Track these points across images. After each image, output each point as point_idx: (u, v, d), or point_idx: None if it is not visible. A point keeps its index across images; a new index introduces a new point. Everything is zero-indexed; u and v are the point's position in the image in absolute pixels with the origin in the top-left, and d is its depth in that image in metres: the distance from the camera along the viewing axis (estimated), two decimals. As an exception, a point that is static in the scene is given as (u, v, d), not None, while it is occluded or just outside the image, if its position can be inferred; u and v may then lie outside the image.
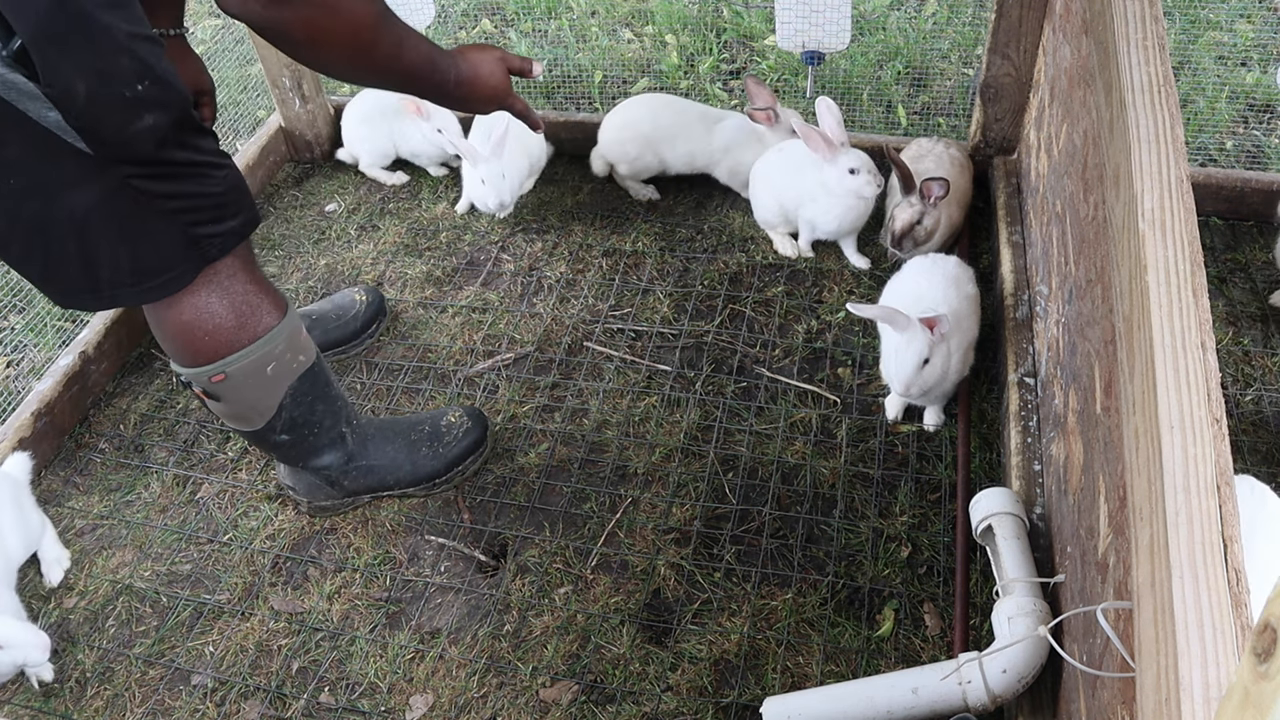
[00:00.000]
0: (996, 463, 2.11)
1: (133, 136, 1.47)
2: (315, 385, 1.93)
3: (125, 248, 1.58)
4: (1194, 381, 1.03)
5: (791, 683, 1.79)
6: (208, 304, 1.70)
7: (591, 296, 2.59)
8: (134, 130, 1.47)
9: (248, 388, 1.81)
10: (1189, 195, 1.23)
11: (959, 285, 2.18)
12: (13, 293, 2.62)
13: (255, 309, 1.75)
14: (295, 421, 1.92)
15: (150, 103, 1.46)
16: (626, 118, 2.80)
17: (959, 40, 3.35)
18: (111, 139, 1.46)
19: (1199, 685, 0.82)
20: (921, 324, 1.99)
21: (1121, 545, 1.26)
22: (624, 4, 3.68)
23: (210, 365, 1.75)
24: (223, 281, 1.70)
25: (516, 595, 1.96)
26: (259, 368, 1.79)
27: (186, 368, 1.77)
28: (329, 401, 1.98)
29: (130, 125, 1.46)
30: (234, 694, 1.84)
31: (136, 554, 2.09)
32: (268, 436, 1.93)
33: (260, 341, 1.77)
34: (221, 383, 1.78)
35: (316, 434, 1.98)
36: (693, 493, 2.11)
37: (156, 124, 1.48)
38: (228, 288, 1.71)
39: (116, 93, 1.43)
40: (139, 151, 1.49)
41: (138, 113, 1.46)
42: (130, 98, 1.44)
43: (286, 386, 1.86)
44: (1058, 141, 2.15)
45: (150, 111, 1.46)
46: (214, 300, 1.70)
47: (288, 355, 1.83)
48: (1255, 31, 3.24)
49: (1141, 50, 1.46)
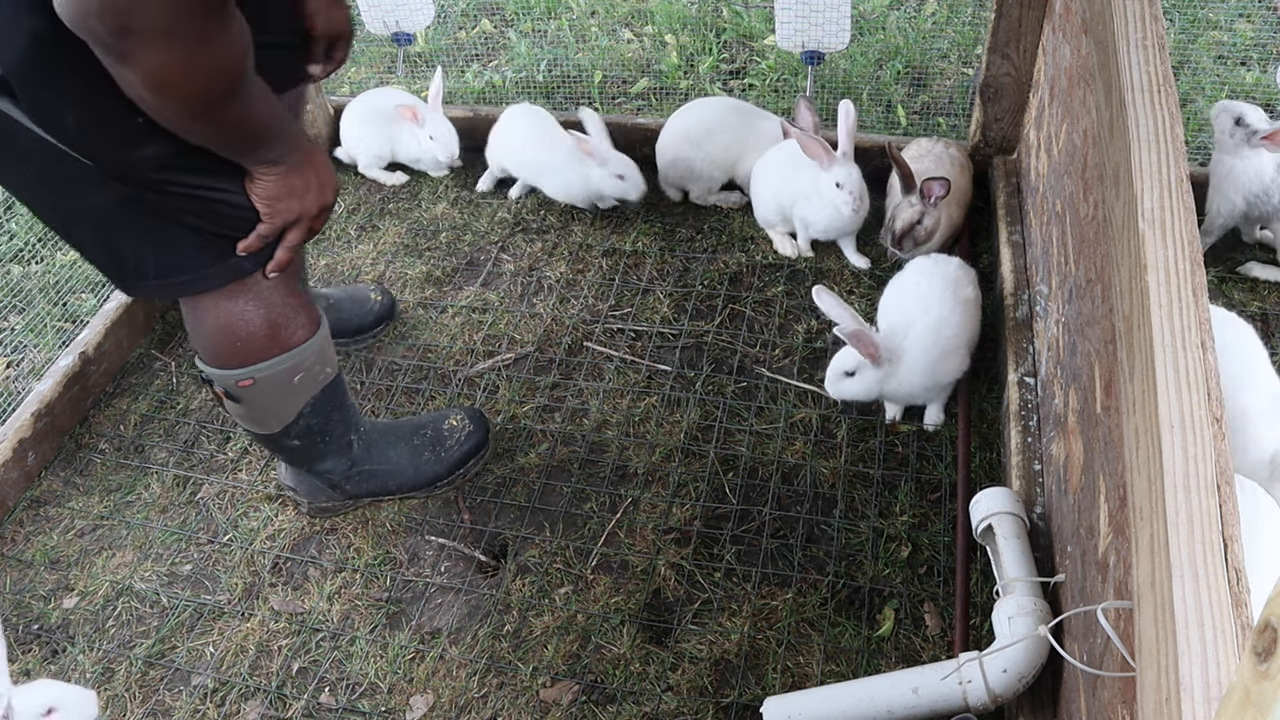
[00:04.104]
0: (996, 462, 2.11)
1: (133, 164, 1.44)
2: (335, 396, 1.93)
3: (148, 245, 1.57)
4: (1194, 381, 1.03)
5: (792, 682, 1.79)
6: (244, 311, 1.69)
7: (591, 296, 2.59)
8: (133, 159, 1.43)
9: (272, 395, 1.81)
10: (1189, 195, 1.23)
11: (957, 287, 2.18)
12: (13, 293, 2.62)
13: (290, 322, 1.74)
14: (310, 429, 1.92)
15: (149, 133, 1.39)
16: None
17: (959, 40, 3.35)
18: (111, 164, 1.43)
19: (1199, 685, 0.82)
20: (857, 339, 2.02)
21: (1122, 545, 1.26)
22: (624, 4, 3.68)
23: (239, 370, 1.74)
24: (262, 291, 1.69)
25: (517, 595, 1.96)
26: (287, 378, 1.79)
27: (215, 369, 1.76)
28: (344, 411, 1.98)
29: (129, 154, 1.42)
30: (234, 694, 1.84)
31: (136, 554, 2.09)
32: (281, 441, 1.92)
33: (292, 353, 1.76)
34: (248, 388, 1.77)
35: (328, 441, 1.98)
36: (693, 493, 2.11)
37: (158, 153, 1.43)
38: (266, 298, 1.70)
39: (110, 125, 1.38)
40: (141, 176, 1.46)
41: (136, 143, 1.41)
42: (127, 129, 1.38)
43: (309, 397, 1.86)
44: (1057, 141, 2.15)
45: (151, 142, 1.41)
46: (250, 309, 1.69)
47: (316, 367, 1.83)
48: (1255, 31, 3.24)
49: (1141, 50, 1.46)
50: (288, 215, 1.60)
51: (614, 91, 3.30)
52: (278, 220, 1.59)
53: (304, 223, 1.63)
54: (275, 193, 1.56)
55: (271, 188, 1.56)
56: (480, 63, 3.46)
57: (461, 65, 3.41)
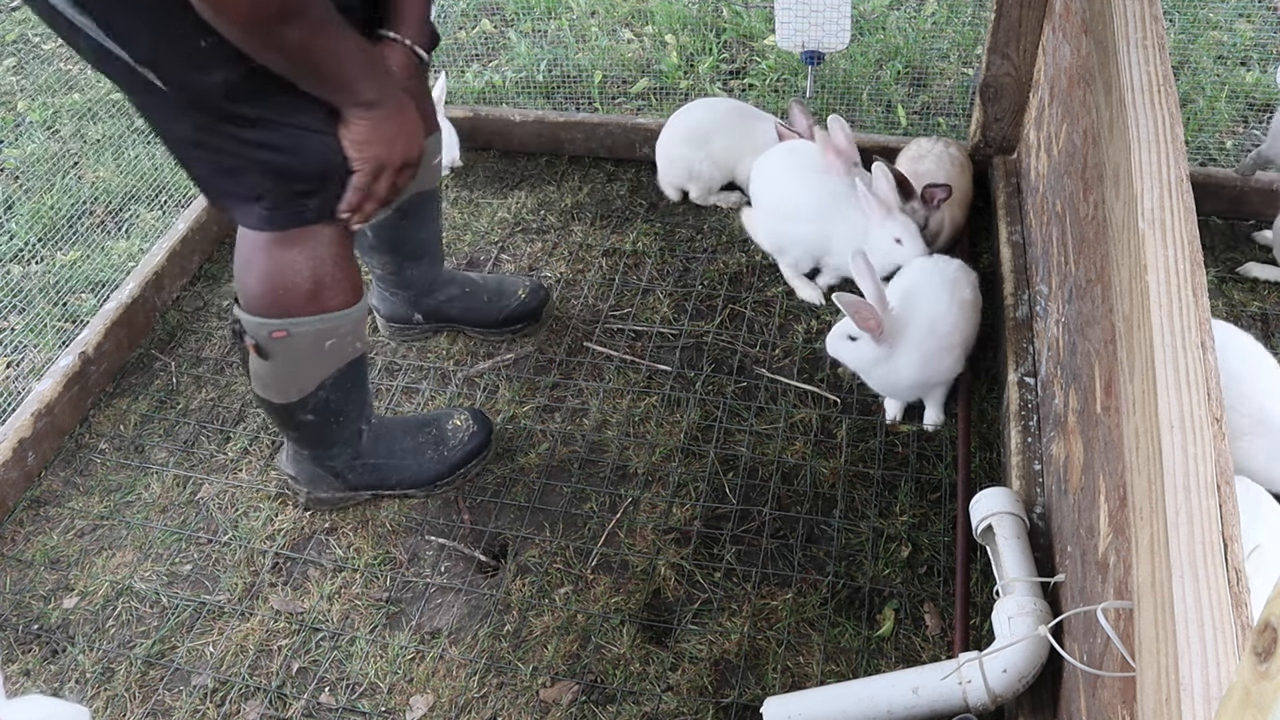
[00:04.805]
0: (996, 462, 2.11)
1: (204, 90, 1.48)
2: (357, 375, 1.94)
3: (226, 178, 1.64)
4: (1194, 381, 1.03)
5: (792, 683, 1.79)
6: (293, 260, 1.71)
7: (591, 296, 2.59)
8: (204, 84, 1.47)
9: (302, 354, 1.82)
10: (1189, 195, 1.23)
11: (955, 288, 2.18)
12: (13, 293, 2.62)
13: (335, 285, 1.76)
14: (327, 405, 1.92)
15: (219, 57, 1.43)
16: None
17: (959, 40, 3.35)
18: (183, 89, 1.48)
19: (1199, 685, 0.82)
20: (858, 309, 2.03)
21: (1122, 545, 1.26)
22: (624, 4, 3.68)
23: (276, 320, 1.76)
24: (315, 247, 1.72)
25: (517, 595, 1.96)
26: (320, 339, 1.80)
27: (253, 315, 1.77)
28: (362, 394, 1.99)
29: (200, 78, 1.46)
30: (234, 694, 1.84)
31: (137, 554, 2.09)
32: (295, 414, 1.92)
33: (328, 316, 1.78)
34: (281, 340, 1.78)
35: (340, 424, 1.99)
36: (693, 493, 2.11)
37: (227, 79, 1.47)
38: (318, 254, 1.72)
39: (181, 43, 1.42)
40: (213, 104, 1.50)
41: (206, 67, 1.45)
42: (196, 50, 1.43)
43: (335, 368, 1.87)
44: (1057, 141, 2.15)
45: (220, 66, 1.45)
46: (300, 260, 1.72)
47: (349, 339, 1.85)
48: (1255, 31, 3.24)
49: (1141, 50, 1.46)
50: (375, 162, 1.63)
51: (614, 91, 3.30)
52: (367, 168, 1.64)
53: (388, 173, 1.66)
54: (366, 137, 1.60)
55: (363, 132, 1.59)
56: (480, 63, 3.46)
57: (461, 65, 3.41)
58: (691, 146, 2.73)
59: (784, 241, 2.52)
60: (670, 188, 2.84)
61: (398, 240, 2.25)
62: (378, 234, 2.22)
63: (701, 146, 2.72)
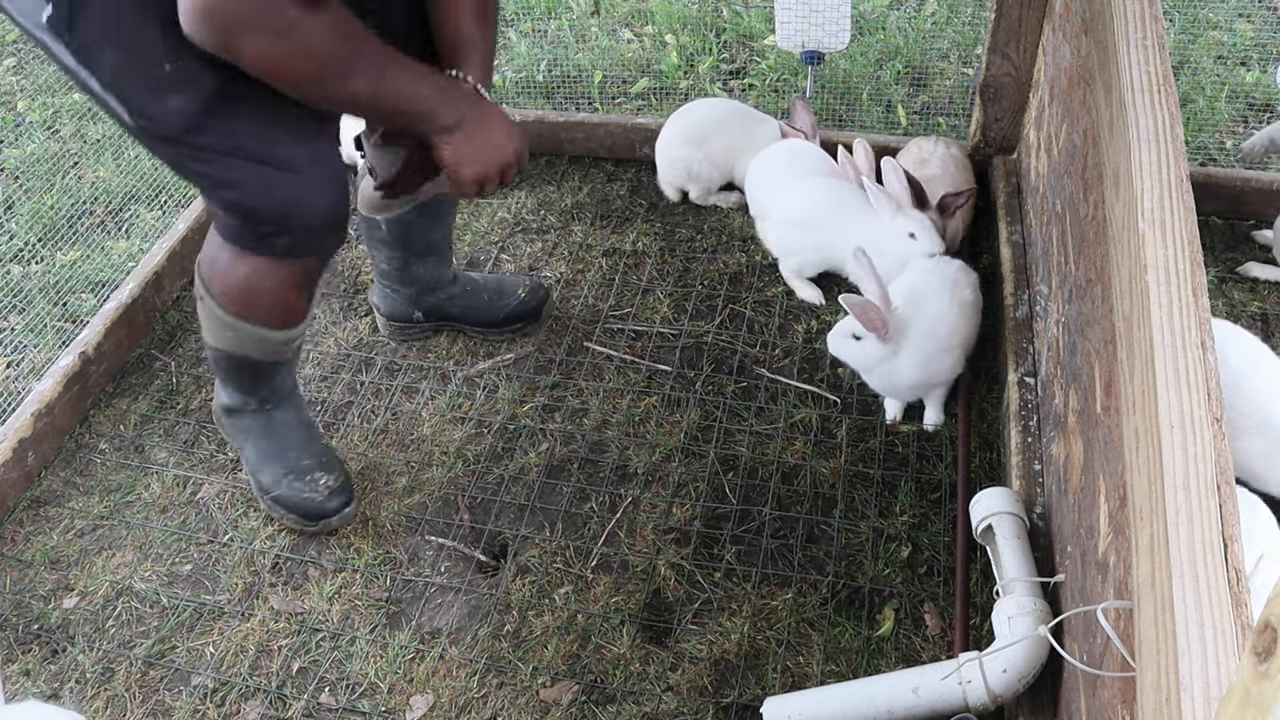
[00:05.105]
0: (996, 462, 2.11)
1: (162, 118, 1.49)
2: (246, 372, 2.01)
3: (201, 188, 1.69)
4: (1194, 381, 1.03)
5: (792, 683, 1.79)
6: (254, 275, 1.77)
7: (591, 296, 2.59)
8: (163, 111, 1.48)
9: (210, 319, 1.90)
10: (1189, 195, 1.23)
11: (955, 289, 2.18)
12: (13, 293, 2.62)
13: (285, 314, 1.86)
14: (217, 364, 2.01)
15: (180, 82, 1.44)
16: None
17: (959, 40, 3.35)
18: (142, 113, 1.49)
19: (1199, 685, 0.82)
20: (864, 310, 2.04)
21: (1121, 545, 1.26)
22: (624, 4, 3.68)
23: (207, 296, 1.86)
24: (280, 279, 1.78)
25: (517, 595, 1.96)
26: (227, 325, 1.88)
27: (203, 282, 1.85)
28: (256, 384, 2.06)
29: (158, 105, 1.47)
30: (234, 694, 1.84)
31: (136, 554, 2.09)
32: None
33: (255, 327, 1.86)
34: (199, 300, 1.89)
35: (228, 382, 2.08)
36: (693, 493, 2.11)
37: (184, 108, 1.48)
38: (278, 277, 1.77)
39: (148, 67, 1.43)
40: (169, 131, 1.51)
41: (164, 94, 1.46)
42: (159, 75, 1.44)
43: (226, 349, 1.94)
44: (1057, 141, 2.15)
45: (179, 94, 1.46)
46: (267, 283, 1.78)
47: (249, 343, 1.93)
48: (1255, 31, 3.24)
49: (1141, 50, 1.46)
50: (475, 180, 1.70)
51: (614, 91, 3.30)
52: (472, 188, 1.70)
53: (491, 182, 1.73)
54: (458, 159, 1.66)
55: (454, 154, 1.66)
56: (480, 63, 3.46)
57: (461, 65, 3.41)
58: (691, 147, 2.73)
59: (796, 246, 2.52)
60: (670, 188, 2.84)
61: (410, 237, 2.26)
62: (391, 229, 2.24)
63: (701, 147, 2.72)
